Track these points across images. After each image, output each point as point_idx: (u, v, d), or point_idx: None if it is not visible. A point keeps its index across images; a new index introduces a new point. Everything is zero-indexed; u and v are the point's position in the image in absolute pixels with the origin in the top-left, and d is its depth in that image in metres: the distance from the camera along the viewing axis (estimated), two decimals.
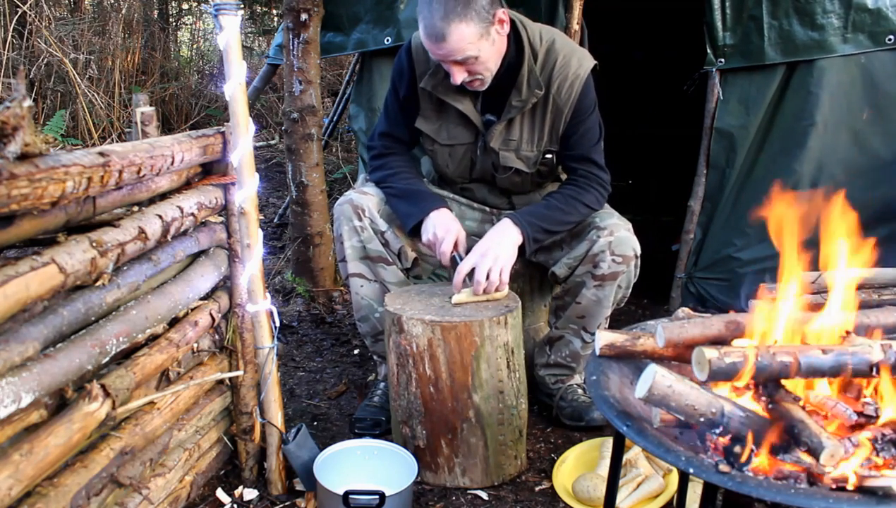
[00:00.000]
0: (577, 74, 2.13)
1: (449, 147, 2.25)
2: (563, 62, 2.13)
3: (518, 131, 2.19)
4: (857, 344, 1.20)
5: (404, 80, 2.22)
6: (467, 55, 1.96)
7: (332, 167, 4.89)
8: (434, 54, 2.00)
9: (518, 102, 2.13)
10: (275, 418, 1.95)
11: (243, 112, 1.77)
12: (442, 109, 2.21)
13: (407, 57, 2.20)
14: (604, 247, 2.11)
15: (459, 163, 2.28)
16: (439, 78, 2.15)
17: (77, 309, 1.32)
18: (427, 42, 1.97)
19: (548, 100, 2.15)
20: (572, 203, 2.15)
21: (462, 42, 1.92)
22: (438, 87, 2.16)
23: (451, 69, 2.01)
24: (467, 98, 2.18)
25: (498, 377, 1.96)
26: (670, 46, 4.30)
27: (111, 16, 5.72)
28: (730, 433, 1.16)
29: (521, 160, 2.22)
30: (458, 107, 2.17)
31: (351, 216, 2.16)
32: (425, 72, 2.16)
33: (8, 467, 1.16)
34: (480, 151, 2.24)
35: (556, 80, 2.13)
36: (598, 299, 2.16)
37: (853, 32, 2.62)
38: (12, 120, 1.00)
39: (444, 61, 2.00)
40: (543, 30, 2.19)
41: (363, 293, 2.24)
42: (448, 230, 2.09)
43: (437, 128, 2.24)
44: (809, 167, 2.75)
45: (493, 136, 2.19)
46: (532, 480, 2.07)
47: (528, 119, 2.18)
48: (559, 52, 2.13)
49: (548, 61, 2.13)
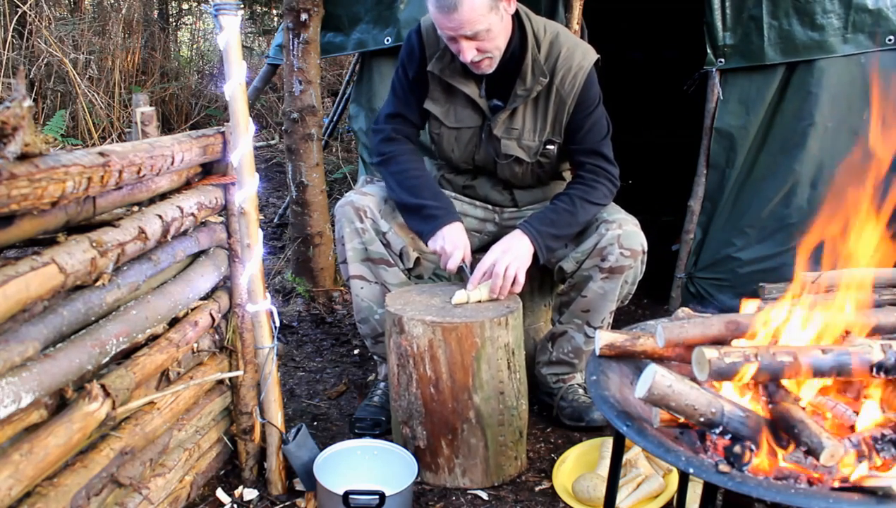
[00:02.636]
0: (581, 66, 2.14)
1: (456, 130, 2.25)
2: (567, 53, 2.13)
3: (521, 120, 2.20)
4: (857, 344, 1.20)
5: (414, 61, 2.21)
6: (477, 28, 1.95)
7: (332, 167, 4.89)
8: (444, 28, 1.98)
9: (523, 91, 2.14)
10: (275, 418, 1.95)
11: (243, 112, 1.77)
12: (450, 92, 2.21)
13: (417, 38, 2.20)
14: (612, 240, 2.11)
15: (465, 148, 2.27)
16: (446, 61, 2.15)
17: (77, 309, 1.32)
18: (438, 15, 1.95)
19: (551, 90, 2.15)
20: (580, 203, 2.15)
21: (474, 12, 1.91)
22: (446, 70, 2.16)
23: (461, 45, 1.99)
24: (473, 83, 2.18)
25: (498, 378, 1.96)
26: (670, 46, 4.30)
27: (111, 16, 5.72)
28: (730, 433, 1.16)
29: (522, 149, 2.22)
30: (466, 91, 2.17)
31: (352, 218, 2.16)
32: (434, 54, 2.16)
33: (8, 467, 1.16)
34: (485, 137, 2.23)
35: (560, 71, 2.13)
36: (605, 292, 2.16)
37: (853, 32, 2.62)
38: (12, 120, 1.00)
39: (455, 36, 1.98)
40: (548, 23, 2.20)
41: (363, 295, 2.24)
42: (456, 246, 2.09)
43: (446, 110, 2.23)
44: (809, 167, 2.75)
45: (497, 124, 2.19)
46: (532, 480, 2.07)
47: (532, 109, 2.19)
48: (563, 44, 2.14)
49: (552, 52, 2.13)
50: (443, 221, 2.12)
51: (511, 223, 2.38)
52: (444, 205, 2.16)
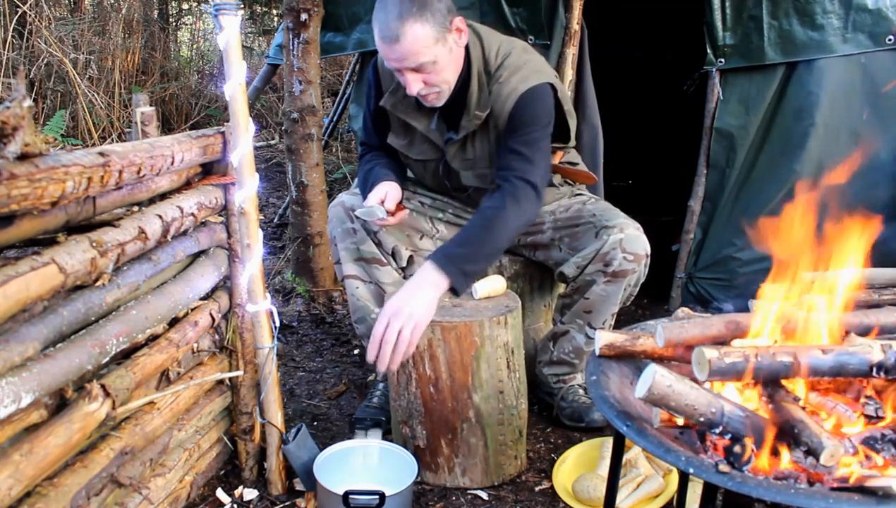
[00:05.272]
0: (515, 88, 2.01)
1: (422, 162, 2.25)
2: (507, 77, 2.02)
3: (472, 150, 2.16)
4: (857, 344, 1.20)
5: (371, 97, 2.21)
6: (422, 60, 1.88)
7: (332, 167, 4.90)
8: (388, 60, 1.91)
9: (466, 123, 2.09)
10: (275, 418, 1.95)
11: (243, 112, 1.77)
12: (408, 126, 2.19)
13: (373, 73, 2.19)
14: (615, 245, 2.09)
15: (433, 176, 2.28)
16: (399, 96, 2.11)
17: (77, 309, 1.32)
18: (381, 46, 1.89)
19: (490, 117, 2.08)
20: (494, 223, 1.94)
21: (417, 44, 1.84)
22: (399, 106, 2.14)
23: (406, 78, 1.92)
24: (425, 116, 2.14)
25: (498, 377, 1.96)
26: (670, 46, 4.30)
27: (111, 16, 5.72)
28: (730, 433, 1.16)
29: (478, 178, 2.19)
30: (416, 126, 2.14)
31: (343, 218, 2.17)
32: (388, 88, 2.14)
33: (8, 467, 1.16)
34: (443, 168, 2.22)
35: (496, 98, 2.05)
36: (607, 295, 2.15)
37: (853, 32, 2.62)
38: (12, 120, 1.00)
39: (400, 68, 1.92)
40: (505, 42, 2.11)
41: (359, 294, 2.24)
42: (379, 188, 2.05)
43: (407, 143, 2.22)
44: (809, 167, 2.74)
45: (450, 154, 2.17)
46: (532, 480, 2.07)
47: (481, 137, 2.14)
48: (506, 68, 2.04)
49: (496, 77, 2.05)
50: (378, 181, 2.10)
51: None
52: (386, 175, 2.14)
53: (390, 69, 1.99)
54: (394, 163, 2.28)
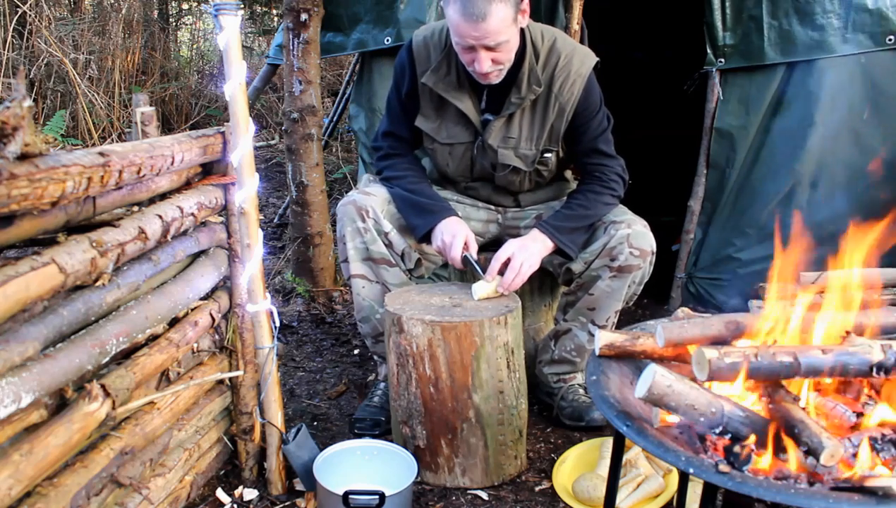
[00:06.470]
0: (580, 73, 2.14)
1: (449, 146, 2.26)
2: (566, 61, 2.13)
3: (517, 128, 2.20)
4: (857, 344, 1.20)
5: (406, 78, 2.22)
6: (500, 39, 1.94)
7: (332, 167, 4.90)
8: (467, 37, 1.95)
9: (517, 99, 2.14)
10: (275, 418, 1.95)
11: (243, 112, 1.77)
12: (441, 107, 2.22)
13: (408, 54, 2.21)
14: (622, 240, 2.11)
15: (459, 162, 2.28)
16: (441, 74, 2.15)
17: (77, 309, 1.32)
18: (463, 23, 1.92)
19: (549, 98, 2.15)
20: (592, 197, 2.18)
21: (501, 23, 1.91)
22: (440, 84, 2.16)
23: (479, 55, 1.98)
24: (467, 96, 2.18)
25: (498, 377, 1.96)
26: (670, 46, 4.30)
27: (111, 16, 5.71)
28: (730, 433, 1.16)
29: (519, 158, 2.22)
30: (458, 106, 2.17)
31: (354, 217, 2.16)
32: (426, 69, 2.16)
33: (8, 467, 1.16)
34: (478, 150, 2.24)
35: (559, 79, 2.13)
36: (612, 290, 2.16)
37: (853, 32, 2.62)
38: (12, 120, 1.00)
39: (476, 45, 1.96)
40: (545, 28, 2.20)
41: (364, 294, 2.24)
42: (455, 234, 2.10)
43: (437, 126, 2.24)
44: (809, 167, 2.75)
45: (492, 133, 2.19)
46: (532, 480, 2.07)
47: (529, 117, 2.19)
48: (561, 51, 2.14)
49: (549, 60, 2.13)
50: (440, 216, 2.14)
51: (514, 223, 2.38)
52: (441, 202, 2.19)
53: (456, 44, 2.02)
54: (420, 171, 2.31)
